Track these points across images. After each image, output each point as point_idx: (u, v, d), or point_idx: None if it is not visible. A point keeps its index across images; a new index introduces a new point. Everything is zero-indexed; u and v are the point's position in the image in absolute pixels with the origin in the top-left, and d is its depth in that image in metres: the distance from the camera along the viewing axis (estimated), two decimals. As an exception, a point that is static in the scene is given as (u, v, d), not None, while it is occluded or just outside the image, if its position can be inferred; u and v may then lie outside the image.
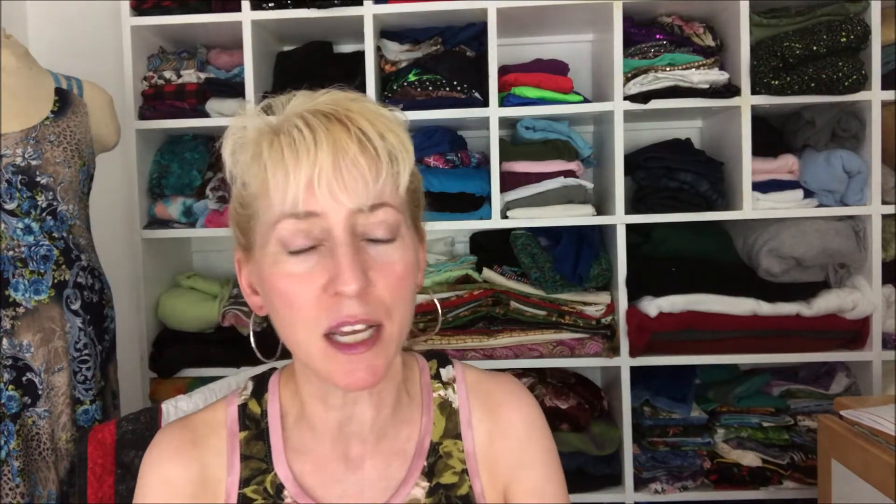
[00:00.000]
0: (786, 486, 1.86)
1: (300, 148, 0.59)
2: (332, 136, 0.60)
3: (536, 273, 1.86)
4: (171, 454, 0.69)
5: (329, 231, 0.60)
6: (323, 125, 0.61)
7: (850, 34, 1.74)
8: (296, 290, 0.60)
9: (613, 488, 1.89)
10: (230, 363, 1.89)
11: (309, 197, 0.59)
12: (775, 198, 1.85)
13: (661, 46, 1.90)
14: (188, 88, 1.94)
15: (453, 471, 0.71)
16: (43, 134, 1.42)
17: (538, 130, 1.91)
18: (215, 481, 0.69)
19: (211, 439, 0.71)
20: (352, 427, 0.70)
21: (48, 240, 1.41)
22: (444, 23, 1.95)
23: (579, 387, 1.96)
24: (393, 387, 0.72)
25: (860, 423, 1.27)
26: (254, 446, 0.71)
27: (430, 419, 0.74)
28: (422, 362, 0.79)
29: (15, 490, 1.35)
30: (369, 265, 0.61)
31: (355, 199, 0.60)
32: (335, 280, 0.59)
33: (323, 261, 0.60)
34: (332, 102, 0.63)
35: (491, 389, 0.76)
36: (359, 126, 0.61)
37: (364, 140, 0.61)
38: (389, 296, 0.61)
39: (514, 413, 0.75)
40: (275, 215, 0.61)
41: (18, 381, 1.38)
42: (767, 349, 1.85)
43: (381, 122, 0.63)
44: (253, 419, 0.72)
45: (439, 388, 0.76)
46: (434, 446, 0.72)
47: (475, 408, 0.75)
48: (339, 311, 0.59)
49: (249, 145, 0.63)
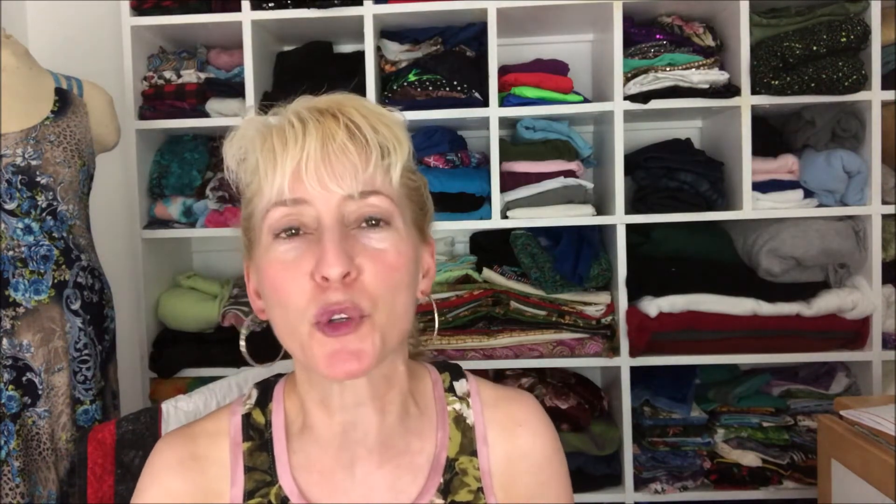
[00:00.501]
0: (786, 486, 1.86)
1: (289, 137, 0.60)
2: (321, 126, 0.60)
3: (536, 273, 1.86)
4: (172, 466, 0.68)
5: (319, 219, 0.60)
6: (314, 118, 0.61)
7: (850, 34, 1.74)
8: (284, 277, 0.60)
9: (613, 488, 1.89)
10: (230, 363, 1.89)
11: (296, 184, 0.59)
12: (775, 198, 1.85)
13: (661, 46, 1.90)
14: (188, 88, 1.94)
15: (469, 489, 0.69)
16: (43, 134, 1.42)
17: (538, 130, 1.91)
18: (218, 493, 0.68)
19: (213, 450, 0.69)
20: (356, 434, 0.68)
21: (48, 240, 1.41)
22: (444, 23, 1.95)
23: (579, 387, 1.96)
24: (398, 393, 0.70)
25: (860, 423, 1.27)
26: (258, 457, 0.69)
27: (446, 434, 0.72)
28: (434, 374, 0.77)
29: (15, 490, 1.35)
30: (357, 252, 0.60)
31: (344, 185, 0.59)
32: (319, 264, 0.58)
33: (311, 248, 0.60)
34: (328, 100, 0.64)
35: (510, 408, 0.74)
36: (350, 117, 0.62)
37: (354, 129, 0.61)
38: (376, 285, 0.60)
39: (534, 436, 0.73)
40: (267, 205, 0.61)
41: (18, 381, 1.38)
42: (767, 349, 1.85)
43: (375, 116, 0.63)
44: (257, 429, 0.71)
45: (454, 402, 0.74)
46: (450, 462, 0.70)
47: (491, 424, 0.73)
48: (325, 298, 0.58)
49: (246, 144, 0.64)
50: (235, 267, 2.17)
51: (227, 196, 1.92)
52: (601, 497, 1.88)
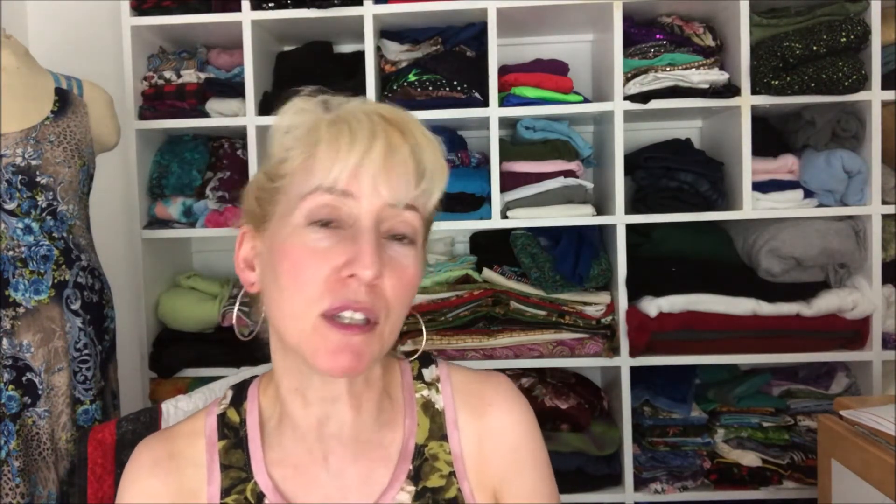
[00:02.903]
0: (786, 486, 1.86)
1: (359, 134, 0.62)
2: (388, 135, 0.63)
3: (536, 273, 1.86)
4: (149, 467, 0.69)
5: (357, 217, 0.62)
6: (382, 125, 0.64)
7: (850, 34, 1.74)
8: (308, 264, 0.61)
9: (613, 488, 1.89)
10: (230, 363, 1.89)
11: (352, 178, 0.61)
12: (775, 198, 1.85)
13: (661, 46, 1.90)
14: (188, 88, 1.94)
15: (440, 473, 0.70)
16: (43, 134, 1.42)
17: (538, 130, 1.91)
18: (195, 492, 0.69)
19: (189, 450, 0.70)
20: (330, 428, 0.69)
21: (48, 240, 1.41)
22: (444, 23, 1.95)
23: (579, 387, 1.96)
24: (373, 393, 0.72)
25: (860, 423, 1.27)
26: (233, 455, 0.70)
27: (414, 421, 0.72)
28: (403, 364, 0.78)
29: (15, 490, 1.35)
30: (385, 261, 0.62)
31: (395, 194, 0.62)
32: (354, 262, 0.60)
33: (344, 243, 0.61)
34: (391, 110, 0.67)
35: (481, 390, 0.75)
36: (414, 136, 0.65)
37: (416, 149, 0.64)
38: (393, 297, 0.63)
39: (505, 415, 0.73)
40: (310, 188, 0.62)
41: (18, 381, 1.38)
42: (767, 349, 1.85)
43: (432, 144, 0.67)
44: (232, 428, 0.72)
45: (422, 389, 0.75)
46: (419, 449, 0.71)
47: (461, 408, 0.74)
48: (345, 294, 0.60)
49: (306, 122, 0.65)
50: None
51: (227, 196, 1.92)
52: (601, 497, 1.88)
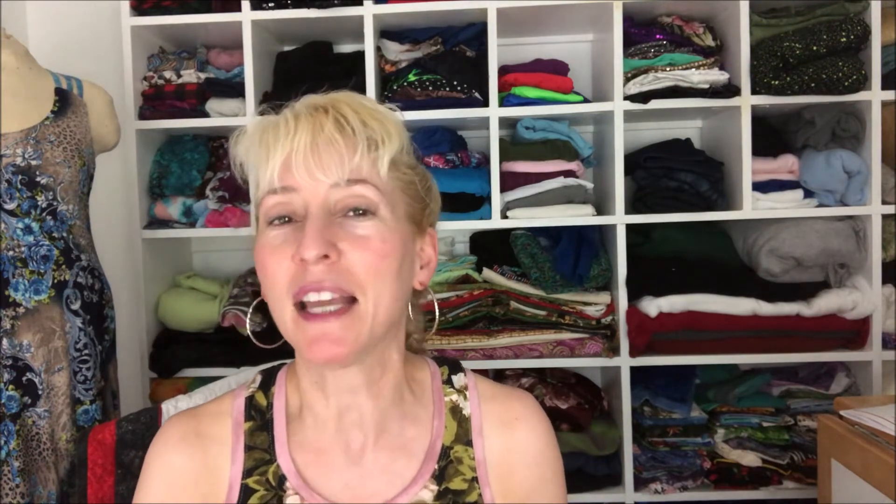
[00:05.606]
0: (786, 486, 1.86)
1: (281, 130, 0.64)
2: (313, 119, 0.64)
3: (536, 273, 1.86)
4: (175, 443, 0.70)
5: (306, 207, 0.64)
6: (308, 113, 0.65)
7: (850, 34, 1.74)
8: (270, 260, 0.64)
9: (613, 488, 1.89)
10: (230, 363, 1.89)
11: (285, 173, 0.63)
12: (775, 198, 1.85)
13: (661, 46, 1.90)
14: (188, 88, 1.94)
15: (463, 477, 0.71)
16: (43, 134, 1.42)
17: (538, 130, 1.91)
18: (218, 470, 0.70)
19: (215, 429, 0.72)
20: (351, 417, 0.70)
21: (48, 240, 1.41)
22: (444, 23, 1.95)
23: (579, 387, 1.96)
24: (391, 379, 0.72)
25: (860, 423, 1.27)
26: (258, 437, 0.71)
27: (442, 423, 0.74)
28: (433, 367, 0.79)
29: (15, 490, 1.35)
30: (340, 237, 0.63)
31: (331, 174, 0.63)
32: (299, 247, 0.61)
33: (296, 233, 0.63)
34: (325, 97, 0.68)
35: (508, 403, 0.76)
36: (340, 111, 0.65)
37: (343, 122, 0.64)
38: (362, 270, 0.63)
39: (531, 430, 0.75)
40: (262, 193, 0.66)
41: (18, 381, 1.38)
42: (767, 349, 1.85)
43: (366, 111, 0.66)
44: (258, 410, 0.73)
45: (451, 393, 0.76)
46: (445, 450, 0.72)
47: (487, 417, 0.75)
48: (303, 277, 0.62)
49: (247, 141, 0.68)
50: (235, 267, 2.17)
51: (227, 196, 1.92)
52: (601, 497, 1.88)
